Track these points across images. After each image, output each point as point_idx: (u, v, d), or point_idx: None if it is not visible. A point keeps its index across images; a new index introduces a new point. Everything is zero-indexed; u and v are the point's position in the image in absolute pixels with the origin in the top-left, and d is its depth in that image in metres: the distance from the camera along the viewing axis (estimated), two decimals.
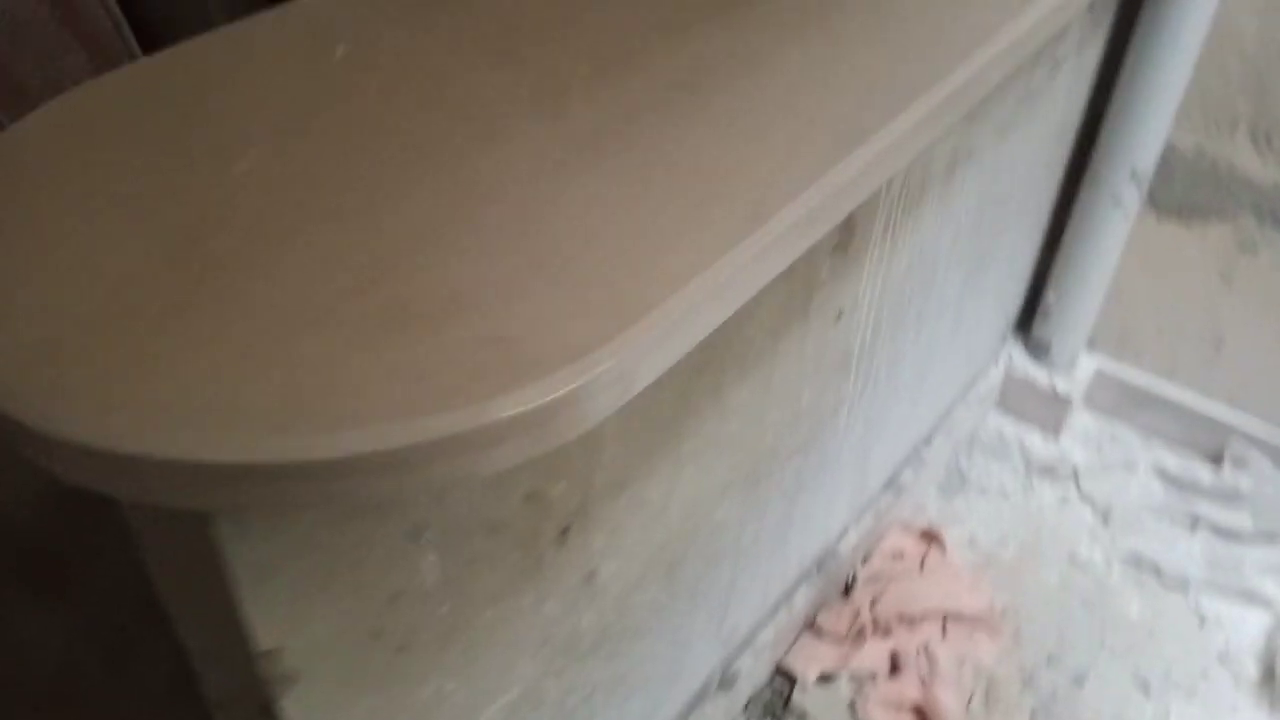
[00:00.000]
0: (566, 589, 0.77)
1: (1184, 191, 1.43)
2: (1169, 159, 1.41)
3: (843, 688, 1.27)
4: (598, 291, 0.46)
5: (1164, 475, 1.56)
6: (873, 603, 1.33)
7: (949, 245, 1.16)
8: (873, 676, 1.27)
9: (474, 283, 0.47)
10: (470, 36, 0.66)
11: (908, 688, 1.26)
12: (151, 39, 1.71)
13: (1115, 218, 1.42)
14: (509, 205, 0.52)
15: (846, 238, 0.91)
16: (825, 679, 1.28)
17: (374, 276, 0.47)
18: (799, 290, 0.88)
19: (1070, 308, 1.54)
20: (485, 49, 0.65)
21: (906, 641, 1.30)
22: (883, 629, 1.31)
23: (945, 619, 1.33)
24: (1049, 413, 1.62)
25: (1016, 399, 1.65)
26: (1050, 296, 1.55)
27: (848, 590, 1.37)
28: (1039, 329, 1.59)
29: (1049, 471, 1.58)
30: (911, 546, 1.44)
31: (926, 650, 1.28)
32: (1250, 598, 1.41)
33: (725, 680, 1.18)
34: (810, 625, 1.31)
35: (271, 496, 0.41)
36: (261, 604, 0.51)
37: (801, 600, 1.27)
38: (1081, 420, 1.66)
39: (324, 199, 0.53)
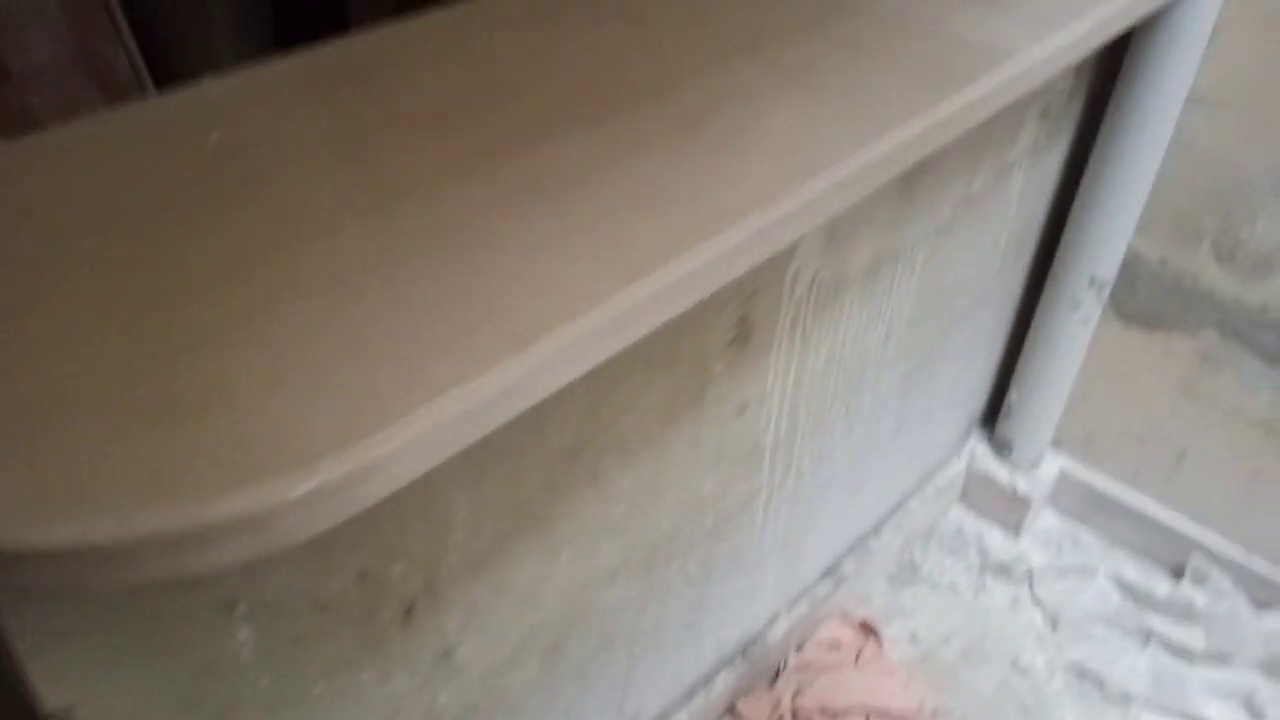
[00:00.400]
0: (417, 666, 0.78)
1: (1149, 300, 1.42)
2: (1133, 267, 1.40)
3: None
4: (352, 398, 0.48)
5: (1121, 584, 1.53)
6: (796, 693, 1.32)
7: (880, 343, 1.17)
8: None
9: (246, 379, 0.49)
10: (337, 132, 0.69)
11: None
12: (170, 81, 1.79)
13: (1074, 322, 1.42)
14: (314, 302, 0.55)
15: (744, 334, 0.92)
16: None
17: (158, 366, 0.50)
18: (688, 383, 0.89)
19: (1032, 408, 1.53)
20: (344, 146, 0.67)
21: None
22: None
23: (869, 716, 1.31)
24: (1009, 511, 1.60)
25: (978, 495, 1.63)
26: (1013, 395, 1.54)
27: (778, 677, 1.36)
28: (1002, 427, 1.58)
29: (1004, 571, 1.56)
30: (849, 637, 1.42)
31: None
32: (1191, 719, 1.37)
33: None
34: (731, 711, 1.30)
35: (5, 578, 0.44)
36: (45, 667, 0.53)
37: (722, 685, 1.27)
38: (1045, 521, 1.64)
39: (146, 283, 0.55)
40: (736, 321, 0.90)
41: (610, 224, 0.61)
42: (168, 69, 1.76)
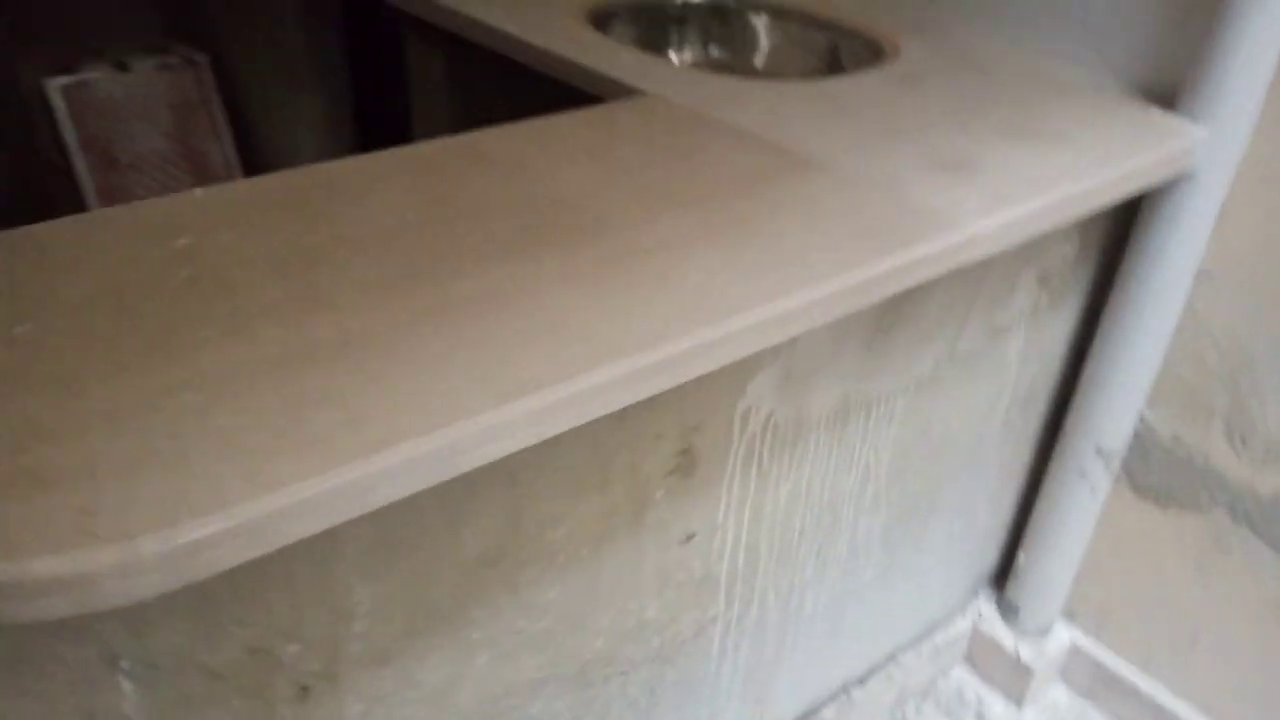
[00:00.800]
0: None
1: (1160, 476, 1.39)
2: (1146, 441, 1.38)
3: None
4: (196, 484, 0.54)
5: None
6: None
7: (857, 488, 1.17)
8: None
9: (112, 457, 0.55)
10: (287, 245, 0.76)
11: None
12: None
13: (1082, 490, 1.39)
14: (201, 395, 0.60)
15: (688, 464, 0.95)
16: None
17: (36, 441, 0.56)
18: (623, 506, 0.92)
19: (1040, 573, 1.50)
20: (289, 259, 0.75)
21: None
22: None
23: None
24: (1013, 679, 1.55)
25: (982, 658, 1.59)
26: (1021, 558, 1.51)
27: None
28: (1011, 589, 1.55)
29: None
30: None
31: None
32: None
33: None
34: None
35: None
36: None
37: None
38: (1053, 694, 1.58)
39: (57, 367, 0.62)
40: (678, 451, 0.93)
41: (499, 349, 0.66)
42: (259, 162, 1.92)
